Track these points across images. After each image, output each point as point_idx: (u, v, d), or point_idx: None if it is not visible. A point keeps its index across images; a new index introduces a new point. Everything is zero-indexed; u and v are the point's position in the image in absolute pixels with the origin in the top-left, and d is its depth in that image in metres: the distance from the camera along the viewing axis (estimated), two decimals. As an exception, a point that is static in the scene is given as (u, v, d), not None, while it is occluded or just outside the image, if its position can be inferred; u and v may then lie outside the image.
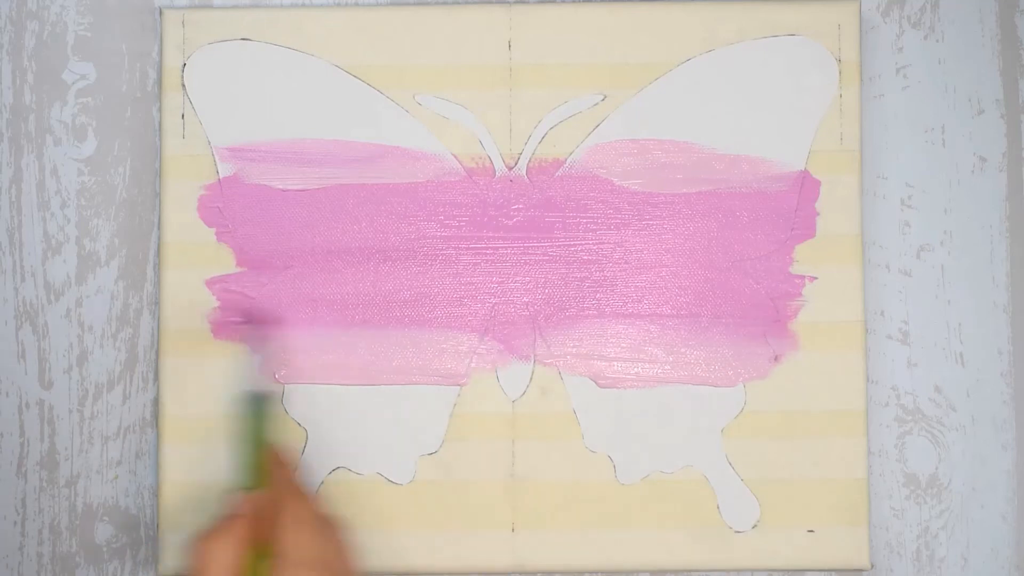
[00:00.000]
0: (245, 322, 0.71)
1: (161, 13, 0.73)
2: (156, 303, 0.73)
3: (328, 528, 0.64)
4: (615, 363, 0.72)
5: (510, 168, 0.73)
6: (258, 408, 0.66)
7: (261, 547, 0.62)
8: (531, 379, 0.72)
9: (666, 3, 0.73)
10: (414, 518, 0.72)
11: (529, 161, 0.73)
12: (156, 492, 0.72)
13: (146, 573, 0.73)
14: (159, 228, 0.73)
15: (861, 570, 0.72)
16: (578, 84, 0.73)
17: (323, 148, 0.73)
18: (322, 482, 0.72)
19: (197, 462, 0.71)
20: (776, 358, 0.72)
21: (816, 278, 0.72)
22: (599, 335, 0.72)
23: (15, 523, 0.73)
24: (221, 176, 0.73)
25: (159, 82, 0.74)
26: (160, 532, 0.71)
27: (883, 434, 0.74)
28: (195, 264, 0.72)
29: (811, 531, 0.72)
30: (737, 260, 0.73)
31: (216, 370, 0.72)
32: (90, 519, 0.73)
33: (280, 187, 0.73)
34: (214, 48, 0.73)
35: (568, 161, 0.73)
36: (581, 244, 0.73)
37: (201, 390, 0.72)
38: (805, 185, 0.73)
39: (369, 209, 0.73)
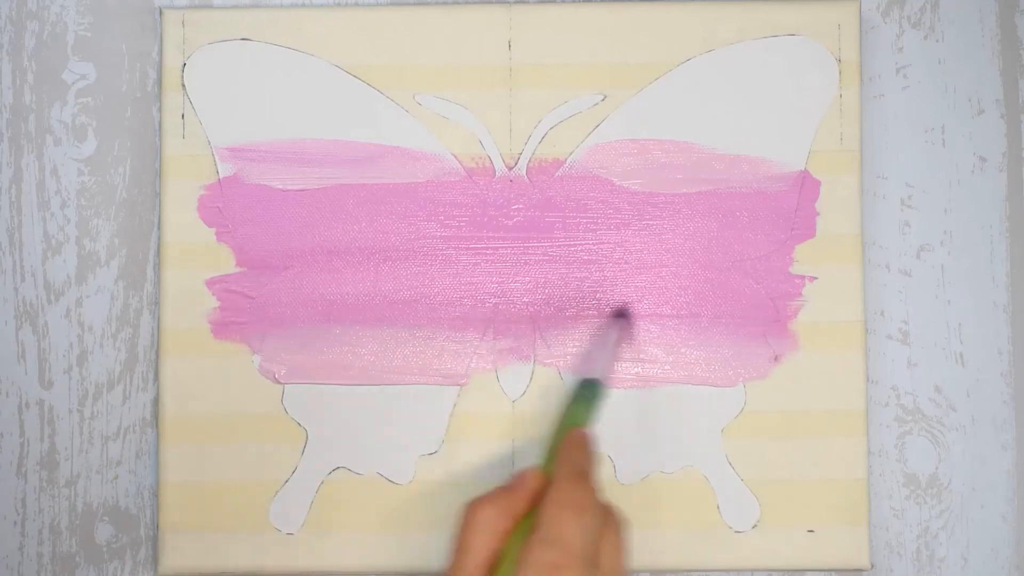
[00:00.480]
0: (612, 313, 0.70)
1: (161, 13, 0.73)
2: (156, 303, 0.73)
3: (599, 520, 0.59)
4: (615, 363, 0.72)
5: (510, 168, 0.73)
6: (588, 394, 0.66)
7: (530, 525, 0.59)
8: (531, 379, 0.72)
9: (666, 3, 0.73)
10: (414, 518, 0.72)
11: (529, 161, 0.73)
12: (156, 492, 0.72)
13: (146, 573, 0.73)
14: (159, 228, 0.73)
15: (861, 570, 0.72)
16: (578, 84, 0.73)
17: (323, 148, 0.73)
18: (322, 482, 0.72)
19: (197, 462, 0.72)
20: (776, 358, 0.72)
21: (816, 278, 0.72)
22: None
23: (15, 523, 0.73)
24: (221, 176, 0.73)
25: (159, 82, 0.74)
26: (160, 532, 0.71)
27: (883, 434, 0.74)
28: (195, 264, 0.72)
29: (811, 531, 0.72)
30: (737, 260, 0.73)
31: (216, 370, 0.72)
32: (90, 519, 0.73)
33: (280, 187, 0.73)
34: (214, 48, 0.73)
35: (568, 161, 0.73)
36: (581, 244, 0.73)
37: (201, 390, 0.72)
38: (805, 185, 0.73)
39: (369, 209, 0.73)
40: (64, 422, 0.73)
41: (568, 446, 0.63)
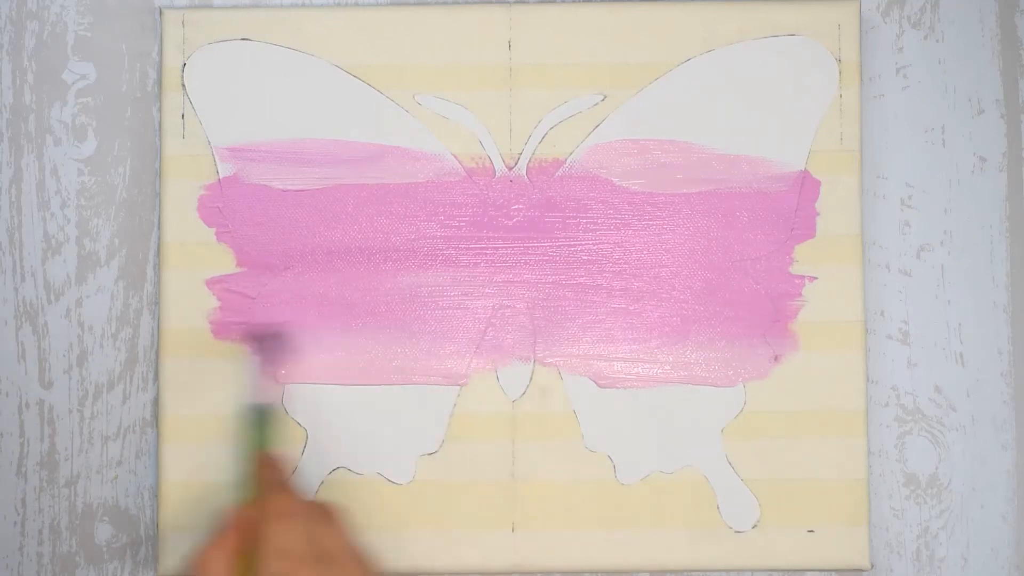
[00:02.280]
0: (251, 338, 0.71)
1: (161, 13, 0.73)
2: (156, 303, 0.73)
3: (320, 518, 0.64)
4: (615, 363, 0.72)
5: (510, 168, 0.73)
6: (259, 419, 0.67)
7: (253, 552, 0.63)
8: (531, 379, 0.72)
9: (666, 3, 0.73)
10: (414, 518, 0.72)
11: (529, 161, 0.73)
12: (156, 492, 0.72)
13: (146, 573, 0.73)
14: (159, 228, 0.73)
15: (861, 570, 0.72)
16: (578, 84, 0.73)
17: (323, 148, 0.73)
18: (322, 482, 0.72)
19: (197, 462, 0.71)
20: (776, 358, 0.72)
21: (816, 278, 0.72)
22: (599, 335, 0.72)
23: (15, 523, 0.73)
24: (221, 176, 0.73)
25: (159, 82, 0.74)
26: (160, 532, 0.71)
27: (883, 434, 0.74)
28: (195, 264, 0.72)
29: (811, 531, 0.72)
30: (737, 260, 0.73)
31: (216, 370, 0.72)
32: (90, 519, 0.73)
33: (280, 187, 0.73)
34: (214, 48, 0.73)
35: (568, 161, 0.73)
36: (581, 244, 0.73)
37: (201, 390, 0.72)
38: (805, 185, 0.73)
39: (369, 209, 0.73)
40: (64, 422, 0.73)
41: (259, 468, 0.66)
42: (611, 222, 0.73)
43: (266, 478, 0.66)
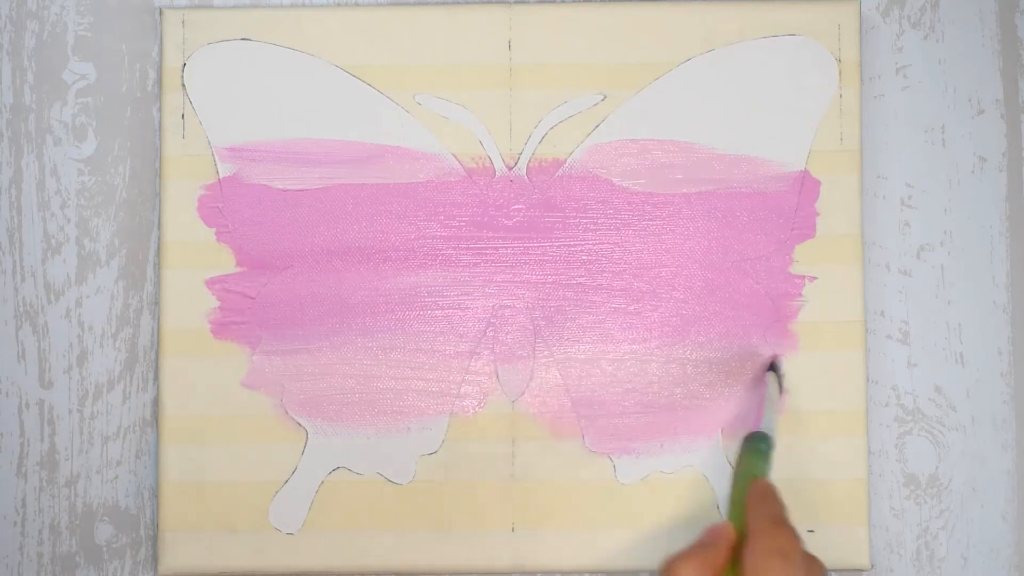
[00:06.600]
0: (773, 367, 0.71)
1: (161, 13, 0.73)
2: (156, 303, 0.73)
3: (804, 565, 0.60)
4: (615, 363, 0.72)
5: (510, 168, 0.73)
6: (765, 448, 0.66)
7: None
8: (531, 379, 0.72)
9: (666, 3, 0.73)
10: (414, 518, 0.72)
11: (529, 161, 0.73)
12: (156, 492, 0.72)
13: (146, 573, 0.73)
14: (159, 228, 0.73)
15: (861, 570, 0.72)
16: (578, 84, 0.73)
17: (323, 148, 0.73)
18: (322, 482, 0.72)
19: (197, 462, 0.72)
20: (776, 358, 0.72)
21: (816, 278, 0.72)
22: (599, 335, 0.72)
23: (15, 523, 0.73)
24: (221, 176, 0.73)
25: (159, 82, 0.74)
26: (160, 532, 0.71)
27: (883, 434, 0.74)
28: (195, 264, 0.72)
29: (811, 531, 0.72)
30: (737, 260, 0.73)
31: (216, 370, 0.72)
32: (90, 519, 0.73)
33: (280, 187, 0.73)
34: (214, 48, 0.73)
35: (568, 161, 0.73)
36: (581, 244, 0.73)
37: (201, 390, 0.72)
38: (805, 185, 0.73)
39: (369, 209, 0.73)
40: (64, 422, 0.73)
41: (756, 496, 0.63)
42: (611, 222, 0.73)
43: (763, 508, 0.62)
